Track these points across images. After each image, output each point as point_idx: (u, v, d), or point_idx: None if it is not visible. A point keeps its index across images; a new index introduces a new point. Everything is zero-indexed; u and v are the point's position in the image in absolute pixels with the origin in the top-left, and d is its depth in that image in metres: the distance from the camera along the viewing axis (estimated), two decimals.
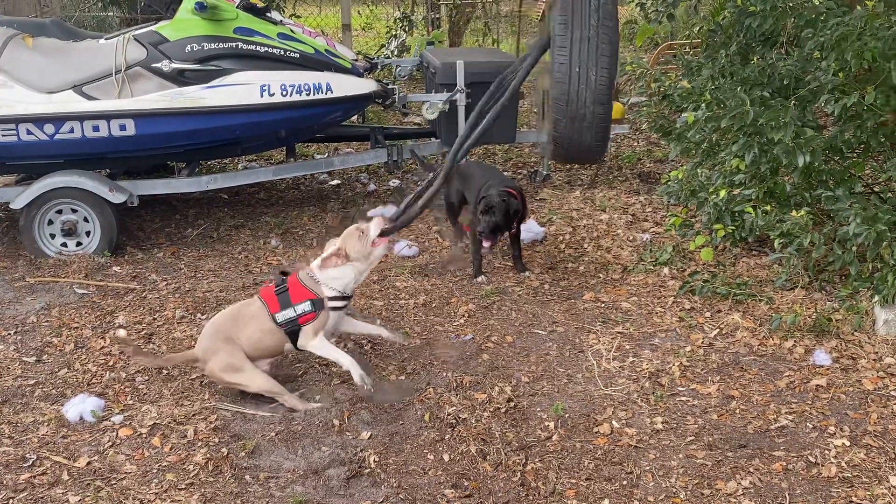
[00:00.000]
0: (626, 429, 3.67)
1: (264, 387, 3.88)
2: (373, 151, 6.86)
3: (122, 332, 4.40)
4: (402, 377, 4.14)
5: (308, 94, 5.87)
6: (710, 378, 4.08)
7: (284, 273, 4.09)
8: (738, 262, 5.28)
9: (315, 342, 3.92)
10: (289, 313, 3.89)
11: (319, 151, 8.53)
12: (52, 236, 5.81)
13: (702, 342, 4.42)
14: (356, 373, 3.83)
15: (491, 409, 3.80)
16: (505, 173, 5.82)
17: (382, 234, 4.10)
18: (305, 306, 3.88)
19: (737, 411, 3.79)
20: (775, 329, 4.45)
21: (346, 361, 3.89)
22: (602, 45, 4.85)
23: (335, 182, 7.70)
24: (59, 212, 5.78)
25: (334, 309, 3.96)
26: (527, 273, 5.31)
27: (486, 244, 5.07)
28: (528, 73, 5.24)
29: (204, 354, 3.92)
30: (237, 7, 5.88)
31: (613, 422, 3.72)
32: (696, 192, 5.38)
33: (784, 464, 3.41)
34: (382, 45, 12.85)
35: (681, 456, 3.48)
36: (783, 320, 4.45)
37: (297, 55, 5.95)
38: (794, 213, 4.61)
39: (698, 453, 3.49)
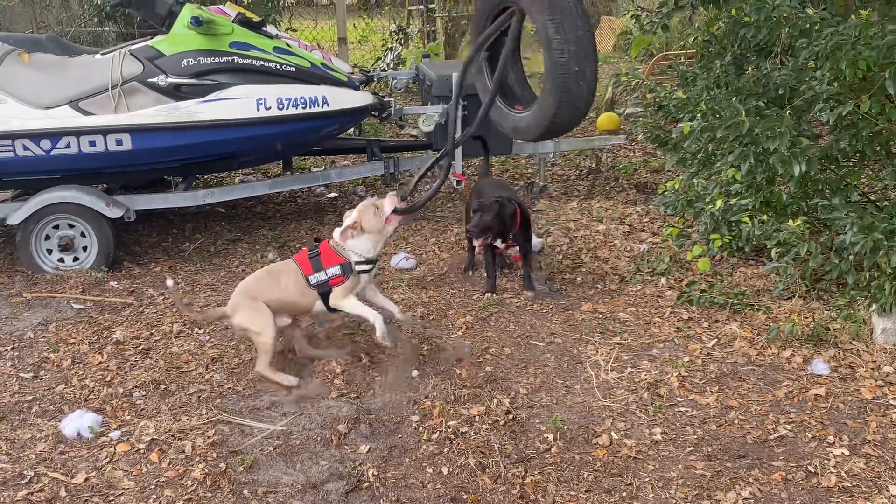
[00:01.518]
0: (625, 440, 3.66)
1: (267, 350, 4.14)
2: (369, 164, 6.87)
3: (170, 283, 4.51)
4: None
5: (304, 108, 5.88)
6: (708, 388, 4.07)
7: (317, 240, 4.44)
8: (736, 271, 5.29)
9: (346, 302, 4.25)
10: (321, 276, 4.23)
11: (316, 164, 8.53)
12: (49, 252, 5.80)
13: (700, 352, 4.42)
14: (380, 329, 4.15)
15: (489, 422, 3.79)
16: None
17: (396, 211, 4.36)
18: (336, 270, 4.23)
19: (736, 421, 3.79)
20: (773, 339, 4.45)
21: (372, 316, 4.20)
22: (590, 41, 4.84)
23: (332, 195, 7.70)
24: (56, 227, 5.77)
25: (362, 272, 4.30)
26: (531, 294, 5.22)
27: (476, 243, 5.10)
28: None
29: (231, 310, 4.25)
30: (233, 21, 5.89)
31: (612, 433, 3.71)
32: (692, 202, 5.39)
33: (783, 474, 3.40)
34: (378, 58, 12.88)
35: (680, 467, 3.48)
36: (781, 330, 4.45)
37: (294, 69, 5.96)
38: (790, 222, 4.62)
39: (697, 464, 3.49)
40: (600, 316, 4.92)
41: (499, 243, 5.18)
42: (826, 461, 3.47)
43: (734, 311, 4.82)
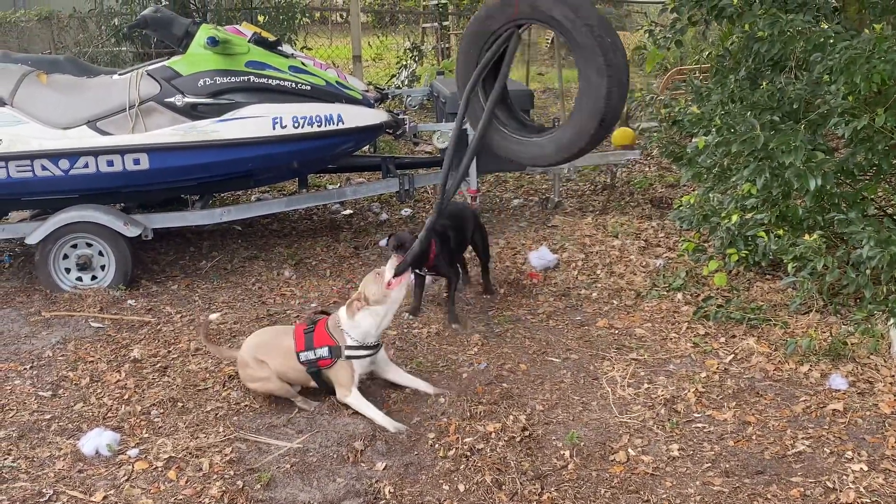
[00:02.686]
0: (643, 456, 3.65)
1: (282, 392, 4.17)
2: (384, 181, 6.88)
3: (213, 316, 4.50)
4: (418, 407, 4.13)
5: (319, 126, 5.91)
6: (725, 404, 4.06)
7: (323, 312, 4.30)
8: (752, 286, 5.27)
9: (351, 398, 4.07)
10: (309, 355, 4.10)
11: (331, 182, 8.57)
12: (68, 270, 5.85)
13: (717, 368, 4.40)
14: (391, 428, 3.94)
15: (506, 439, 3.78)
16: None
17: (397, 273, 4.18)
18: (323, 352, 4.07)
19: (753, 437, 3.77)
20: (791, 354, 4.43)
21: (379, 418, 3.99)
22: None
23: (347, 212, 7.73)
24: (75, 246, 5.82)
25: (352, 357, 4.08)
26: (455, 326, 5.03)
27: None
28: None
29: (239, 364, 4.26)
30: (249, 41, 5.94)
31: (629, 449, 3.70)
32: (708, 216, 5.38)
33: (802, 490, 3.38)
34: (393, 76, 12.96)
35: (698, 483, 3.46)
36: (798, 345, 4.43)
37: (309, 87, 5.99)
38: (807, 236, 4.61)
39: (715, 480, 3.47)
40: (616, 331, 4.91)
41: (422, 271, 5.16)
42: (845, 477, 3.45)
43: (751, 326, 4.80)
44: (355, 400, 4.06)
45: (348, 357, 4.07)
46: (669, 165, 8.00)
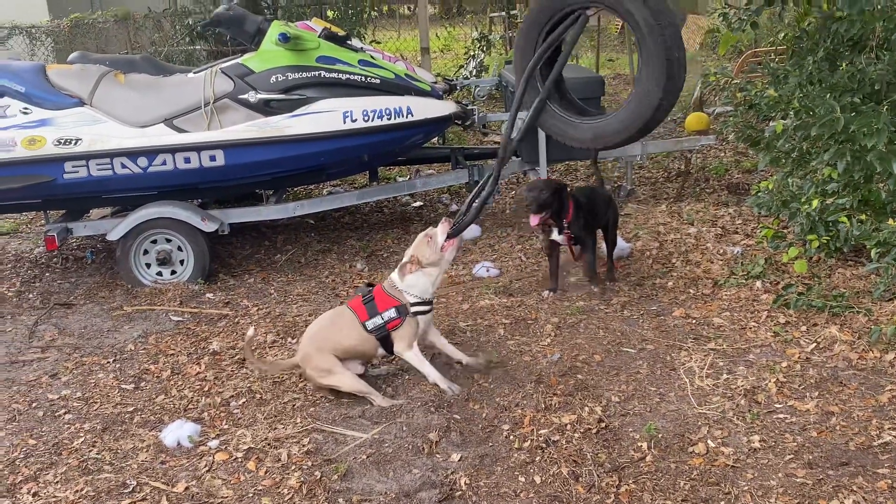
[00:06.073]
0: (723, 448, 3.58)
1: (354, 387, 4.16)
2: (454, 172, 6.89)
3: (250, 332, 4.46)
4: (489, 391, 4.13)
5: (389, 119, 5.94)
6: (808, 394, 3.96)
7: (370, 285, 4.41)
8: (834, 273, 5.13)
9: (410, 353, 4.23)
10: (377, 321, 4.20)
11: (401, 174, 8.61)
12: (148, 266, 5.98)
13: (798, 357, 4.30)
14: (444, 385, 4.16)
15: (581, 430, 3.76)
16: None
17: (449, 236, 4.35)
18: (391, 313, 4.19)
19: (837, 428, 3.67)
20: (875, 342, 4.31)
21: (433, 375, 4.20)
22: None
23: (417, 204, 7.76)
24: (154, 242, 5.95)
25: (418, 314, 4.24)
26: (594, 286, 5.36)
27: (534, 221, 5.07)
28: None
29: (302, 361, 4.24)
30: (319, 36, 5.99)
31: (709, 441, 3.64)
32: (787, 202, 5.26)
33: (889, 482, 3.28)
34: (461, 66, 12.94)
35: (780, 475, 3.39)
36: (883, 332, 4.31)
37: (378, 81, 6.02)
38: (890, 221, 4.48)
39: (798, 472, 3.39)
40: (693, 321, 4.83)
41: (556, 235, 5.19)
42: None
43: (833, 314, 4.67)
44: (414, 355, 4.22)
45: (415, 313, 4.21)
46: (745, 150, 7.84)
